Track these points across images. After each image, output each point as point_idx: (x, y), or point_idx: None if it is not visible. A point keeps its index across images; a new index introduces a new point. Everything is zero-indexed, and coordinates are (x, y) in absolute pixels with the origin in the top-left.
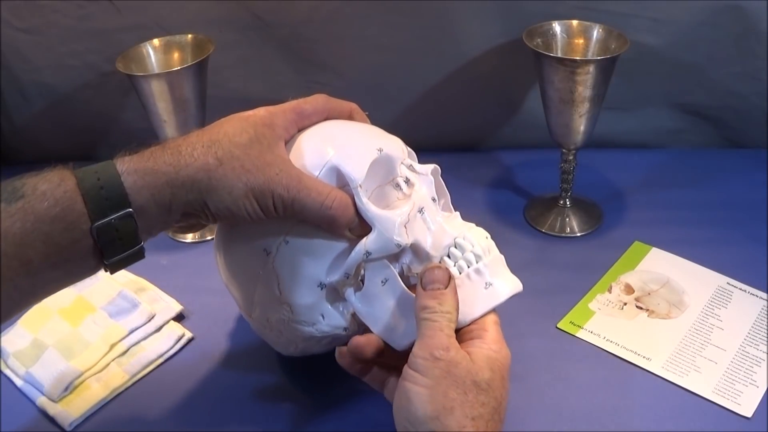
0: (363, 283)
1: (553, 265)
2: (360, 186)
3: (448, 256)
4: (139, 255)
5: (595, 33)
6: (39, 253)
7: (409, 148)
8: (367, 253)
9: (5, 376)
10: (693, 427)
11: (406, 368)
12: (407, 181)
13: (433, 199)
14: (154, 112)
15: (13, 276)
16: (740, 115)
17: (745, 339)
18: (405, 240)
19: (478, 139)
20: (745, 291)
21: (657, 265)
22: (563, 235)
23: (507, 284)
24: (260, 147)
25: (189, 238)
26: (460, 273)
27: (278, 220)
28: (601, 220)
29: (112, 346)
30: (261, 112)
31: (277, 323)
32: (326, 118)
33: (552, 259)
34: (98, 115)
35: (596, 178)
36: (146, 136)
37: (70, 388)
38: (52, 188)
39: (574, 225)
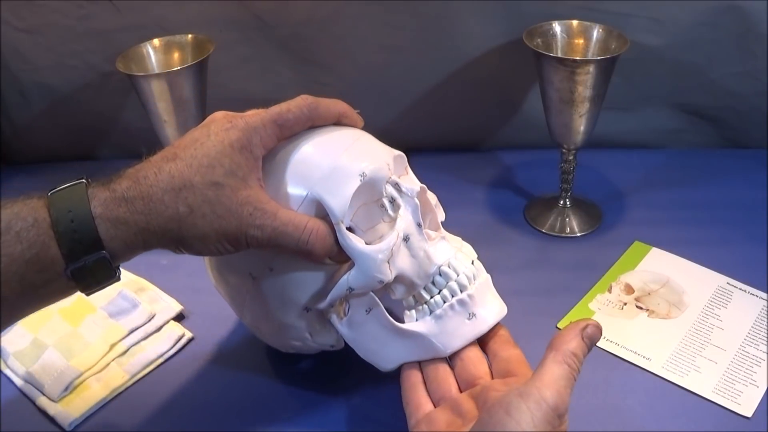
0: (348, 311)
1: (553, 265)
2: (341, 222)
3: (433, 283)
4: (116, 280)
5: (595, 33)
6: (14, 291)
7: (397, 152)
8: (350, 289)
9: (5, 376)
10: (693, 427)
11: (523, 388)
12: (393, 201)
13: (419, 225)
14: (154, 112)
15: None
16: (740, 115)
17: (745, 339)
18: (388, 277)
19: (478, 139)
20: (745, 291)
21: (657, 265)
22: (563, 235)
23: (491, 312)
24: (234, 182)
25: None
26: (444, 302)
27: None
28: (601, 220)
29: (112, 346)
30: (240, 124)
31: (268, 332)
32: (312, 125)
33: (552, 259)
34: (98, 115)
35: (596, 178)
36: (146, 136)
37: (70, 388)
38: (27, 228)
39: (574, 225)
